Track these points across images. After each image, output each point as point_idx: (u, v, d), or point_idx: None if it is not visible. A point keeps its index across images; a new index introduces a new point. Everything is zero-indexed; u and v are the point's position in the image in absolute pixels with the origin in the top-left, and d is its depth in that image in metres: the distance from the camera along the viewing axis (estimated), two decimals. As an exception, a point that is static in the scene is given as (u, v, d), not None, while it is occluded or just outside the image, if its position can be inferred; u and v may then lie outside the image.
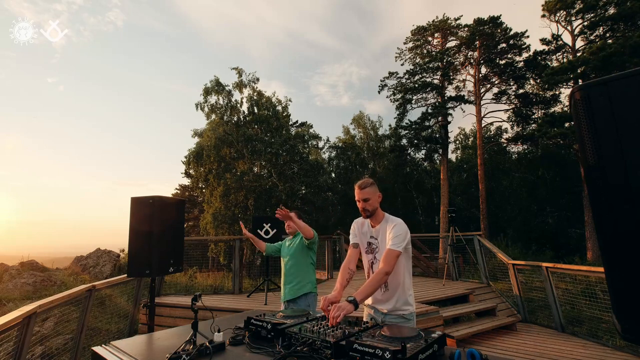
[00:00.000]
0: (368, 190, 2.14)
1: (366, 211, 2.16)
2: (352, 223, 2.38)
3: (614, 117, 0.82)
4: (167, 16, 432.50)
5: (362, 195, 2.15)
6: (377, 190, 2.20)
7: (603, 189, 0.83)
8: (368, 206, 2.14)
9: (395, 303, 2.13)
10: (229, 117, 17.89)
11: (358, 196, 2.17)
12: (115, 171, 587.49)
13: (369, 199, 2.14)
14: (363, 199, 2.14)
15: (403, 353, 1.09)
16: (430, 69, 20.44)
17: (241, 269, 8.05)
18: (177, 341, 1.48)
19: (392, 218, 2.20)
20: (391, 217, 2.21)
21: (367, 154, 26.80)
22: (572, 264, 10.18)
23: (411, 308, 2.17)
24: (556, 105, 17.63)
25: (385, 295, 2.17)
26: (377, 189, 2.21)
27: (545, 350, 4.43)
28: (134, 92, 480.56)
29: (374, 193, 2.16)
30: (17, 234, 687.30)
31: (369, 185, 2.17)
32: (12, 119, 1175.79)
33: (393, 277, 2.12)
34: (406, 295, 2.16)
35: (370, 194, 2.14)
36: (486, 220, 17.81)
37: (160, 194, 3.34)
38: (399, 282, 2.15)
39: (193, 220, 23.12)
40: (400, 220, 2.15)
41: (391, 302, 2.14)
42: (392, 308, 2.13)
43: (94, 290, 4.22)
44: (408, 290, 2.18)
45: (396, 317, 2.12)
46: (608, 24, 15.41)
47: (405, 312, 2.14)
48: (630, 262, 0.79)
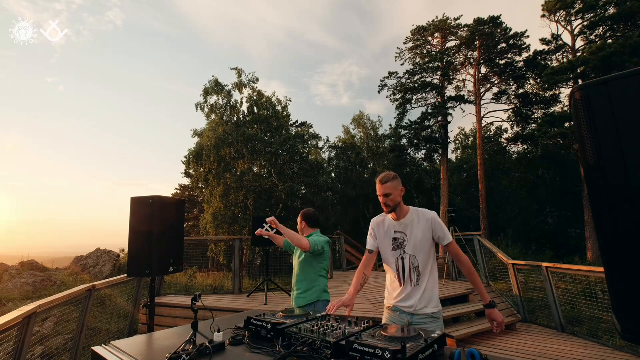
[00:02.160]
0: (389, 185, 2.05)
1: (388, 206, 2.07)
2: (370, 224, 2.27)
3: (614, 117, 0.82)
4: (167, 16, 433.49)
5: (383, 190, 2.06)
6: (400, 184, 2.10)
7: (603, 189, 0.83)
8: (390, 201, 2.06)
9: (425, 300, 2.03)
10: (228, 117, 17.89)
11: (379, 191, 2.08)
12: (115, 171, 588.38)
13: (390, 194, 2.05)
14: (384, 194, 2.06)
15: (403, 353, 1.09)
16: (430, 69, 20.44)
17: (241, 269, 8.04)
18: (177, 341, 1.48)
19: (422, 210, 2.12)
20: (421, 210, 2.12)
21: (367, 154, 26.79)
22: (572, 264, 10.18)
23: (440, 306, 2.08)
24: (556, 105, 17.64)
25: (415, 292, 2.05)
26: (400, 183, 2.11)
27: (545, 350, 4.43)
28: (134, 92, 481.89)
29: (395, 187, 2.07)
30: (17, 234, 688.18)
31: (391, 179, 2.07)
32: (12, 119, 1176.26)
33: (425, 270, 2.05)
34: (432, 289, 2.07)
35: (391, 188, 2.05)
36: (486, 220, 17.81)
37: (160, 194, 3.34)
38: (429, 276, 2.06)
39: (193, 220, 23.11)
40: (434, 212, 2.10)
41: (421, 299, 2.03)
42: (422, 306, 2.02)
43: (94, 290, 4.22)
44: (436, 286, 2.09)
45: (424, 317, 2.01)
46: (608, 24, 15.41)
47: (435, 311, 2.04)
48: (630, 262, 0.79)
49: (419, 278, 2.05)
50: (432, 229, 2.05)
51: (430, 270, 2.07)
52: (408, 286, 2.07)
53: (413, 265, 2.07)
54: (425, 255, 2.06)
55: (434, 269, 2.09)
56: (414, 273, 2.06)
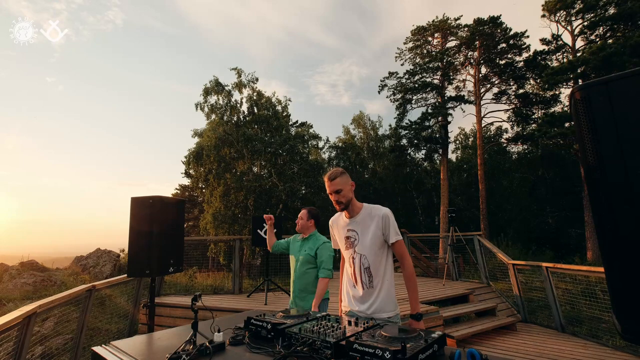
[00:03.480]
0: (338, 180, 1.97)
1: (340, 203, 1.99)
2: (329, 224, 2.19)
3: (614, 117, 0.82)
4: (167, 15, 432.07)
5: (332, 187, 1.98)
6: (349, 180, 2.02)
7: (603, 189, 0.83)
8: (341, 198, 1.97)
9: (380, 304, 1.93)
10: (228, 117, 17.90)
11: (329, 188, 1.99)
12: (115, 171, 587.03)
13: (340, 190, 1.97)
14: (334, 190, 1.98)
15: (403, 353, 1.09)
16: (430, 69, 20.45)
17: (241, 269, 8.04)
18: (177, 341, 1.48)
19: (375, 207, 2.01)
20: (374, 206, 2.02)
21: (367, 154, 26.80)
22: (572, 264, 10.18)
23: (397, 310, 1.98)
24: (556, 105, 17.66)
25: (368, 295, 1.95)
26: (349, 178, 2.02)
27: (545, 350, 4.43)
28: (133, 91, 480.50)
29: (345, 183, 1.99)
30: (17, 234, 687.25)
31: (339, 175, 1.99)
32: (12, 119, 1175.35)
33: (376, 270, 1.95)
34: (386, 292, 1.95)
35: (341, 184, 1.97)
36: (486, 220, 17.82)
37: (160, 194, 3.34)
38: (382, 277, 1.96)
39: (193, 220, 23.12)
40: (386, 208, 2.00)
41: (375, 303, 1.94)
42: (376, 309, 1.92)
43: (94, 290, 4.22)
44: (388, 287, 1.97)
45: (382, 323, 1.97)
46: (608, 24, 15.42)
47: (392, 315, 1.94)
48: (630, 262, 0.79)
49: (371, 279, 1.95)
50: (382, 226, 1.94)
51: (383, 271, 1.96)
52: (360, 288, 1.98)
53: (363, 266, 1.97)
54: (375, 254, 1.96)
55: (388, 269, 1.98)
56: (365, 274, 1.96)
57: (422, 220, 24.53)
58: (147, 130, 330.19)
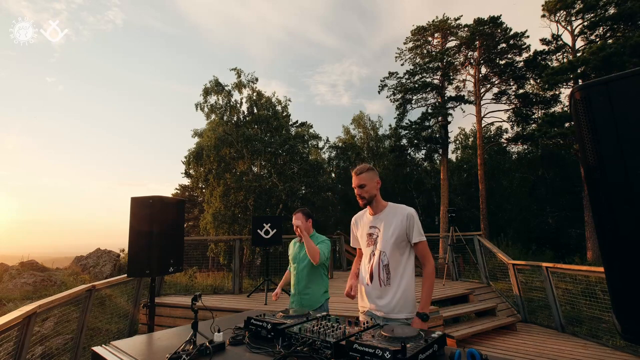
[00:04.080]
0: (364, 175, 2.01)
1: (362, 198, 2.03)
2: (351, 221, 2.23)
3: (614, 117, 0.82)
4: (167, 15, 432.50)
5: (357, 182, 2.02)
6: (376, 176, 2.04)
7: (603, 189, 0.83)
8: (364, 193, 2.01)
9: (398, 304, 1.91)
10: (228, 117, 17.90)
11: (354, 183, 2.04)
12: (115, 171, 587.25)
13: (365, 185, 2.01)
14: (359, 185, 2.02)
15: (403, 353, 1.09)
16: (430, 69, 20.44)
17: (241, 269, 8.04)
18: (177, 341, 1.48)
19: (400, 206, 2.03)
20: (399, 205, 2.03)
21: (367, 154, 26.78)
22: (572, 264, 10.19)
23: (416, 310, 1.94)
24: (556, 105, 17.65)
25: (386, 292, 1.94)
26: (376, 175, 2.05)
27: (545, 350, 4.43)
28: (133, 91, 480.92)
29: (371, 179, 2.02)
30: (17, 234, 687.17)
31: (366, 170, 2.03)
32: (12, 119, 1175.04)
33: (396, 270, 1.95)
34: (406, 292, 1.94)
35: (366, 179, 2.01)
36: (486, 220, 17.81)
37: (160, 194, 3.34)
38: (402, 276, 1.95)
39: (193, 220, 23.12)
40: (411, 208, 2.02)
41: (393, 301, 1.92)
42: (394, 308, 1.91)
43: (94, 290, 4.22)
44: (409, 287, 1.96)
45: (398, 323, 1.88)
46: (608, 24, 15.42)
47: (409, 315, 1.91)
48: (630, 262, 0.79)
49: (389, 277, 1.95)
50: (406, 226, 1.95)
51: (402, 270, 1.96)
52: (377, 285, 1.97)
53: (382, 263, 1.97)
54: (396, 252, 1.96)
55: (408, 269, 1.97)
56: (383, 271, 1.96)
57: (422, 220, 24.49)
58: (147, 130, 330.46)
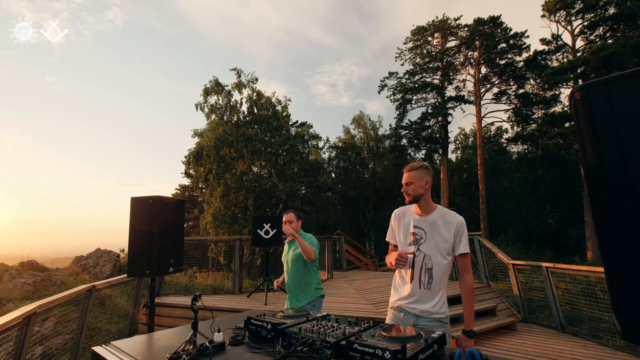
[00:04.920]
0: (412, 173, 2.03)
1: (408, 195, 2.04)
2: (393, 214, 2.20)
3: (614, 117, 0.82)
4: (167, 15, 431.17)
5: (405, 178, 2.05)
6: (426, 176, 2.02)
7: (603, 189, 0.83)
8: (409, 190, 2.02)
9: (434, 306, 1.96)
10: (228, 117, 17.92)
11: (403, 179, 2.06)
12: (115, 171, 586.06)
13: (411, 183, 2.02)
14: (405, 182, 2.04)
15: (403, 353, 1.09)
16: (430, 69, 20.45)
17: (241, 269, 8.05)
18: (177, 341, 1.48)
19: (451, 212, 2.04)
20: (449, 212, 2.04)
21: (367, 154, 26.78)
22: (572, 264, 10.18)
23: (447, 311, 2.02)
24: (556, 105, 17.66)
25: (425, 294, 1.98)
26: (427, 174, 2.03)
27: (545, 350, 4.43)
28: (133, 91, 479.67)
29: (419, 178, 2.01)
30: (17, 234, 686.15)
31: (415, 169, 2.04)
32: (12, 119, 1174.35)
33: (439, 275, 1.98)
34: (445, 297, 2.00)
35: (413, 177, 2.02)
36: (486, 220, 17.82)
37: (160, 194, 3.34)
38: (442, 282, 1.99)
39: (193, 220, 23.12)
40: (462, 218, 2.01)
41: (430, 302, 1.96)
42: (430, 310, 1.96)
43: (94, 290, 4.22)
44: (445, 293, 2.03)
45: (430, 321, 1.94)
46: (608, 24, 15.42)
47: (442, 316, 1.97)
48: (630, 262, 0.79)
49: (430, 281, 1.97)
50: (455, 234, 1.97)
51: (442, 275, 1.99)
52: (417, 287, 1.99)
53: (426, 266, 1.98)
54: (440, 258, 1.98)
55: (446, 275, 2.02)
56: (426, 274, 1.98)
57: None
58: (147, 130, 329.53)
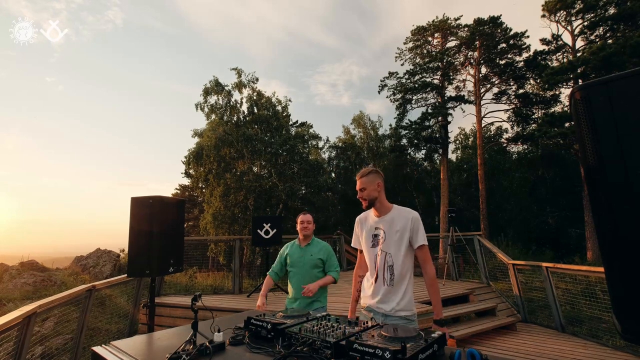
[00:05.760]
0: (364, 179, 2.09)
1: (364, 200, 2.11)
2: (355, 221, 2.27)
3: (614, 117, 0.82)
4: (167, 15, 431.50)
5: (358, 185, 2.11)
6: (377, 179, 2.10)
7: (603, 189, 0.83)
8: (364, 195, 2.09)
9: (399, 302, 1.99)
10: (228, 117, 17.91)
11: (357, 185, 2.13)
12: (115, 171, 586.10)
13: (364, 189, 2.08)
14: (360, 188, 2.10)
15: (403, 353, 1.09)
16: (430, 69, 20.44)
17: (241, 269, 8.04)
18: (177, 341, 1.48)
19: (405, 209, 2.12)
20: (404, 208, 2.12)
21: (367, 154, 26.77)
22: (572, 264, 10.18)
23: (414, 309, 2.05)
24: (556, 105, 17.65)
25: (389, 291, 2.02)
26: (378, 178, 2.11)
27: (545, 350, 4.43)
28: (133, 91, 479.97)
29: (371, 182, 2.08)
30: (17, 234, 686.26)
31: (366, 174, 2.11)
32: (12, 119, 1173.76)
33: (399, 271, 2.02)
34: (410, 293, 2.03)
35: (365, 183, 2.08)
36: (486, 220, 17.81)
37: (160, 194, 3.34)
38: (405, 277, 2.03)
39: (193, 220, 23.12)
40: (416, 212, 2.09)
41: (394, 299, 2.00)
42: (395, 308, 1.99)
43: (94, 290, 4.22)
44: (411, 289, 2.05)
45: (398, 319, 1.98)
46: (608, 24, 15.41)
47: (409, 314, 2.00)
48: (630, 262, 0.79)
49: (392, 277, 2.01)
50: (410, 229, 2.03)
51: (405, 271, 2.03)
52: (381, 285, 2.04)
53: (387, 264, 2.03)
54: (400, 254, 2.02)
55: (409, 270, 2.05)
56: (387, 271, 2.03)
57: (423, 220, 24.25)
58: (147, 130, 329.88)
